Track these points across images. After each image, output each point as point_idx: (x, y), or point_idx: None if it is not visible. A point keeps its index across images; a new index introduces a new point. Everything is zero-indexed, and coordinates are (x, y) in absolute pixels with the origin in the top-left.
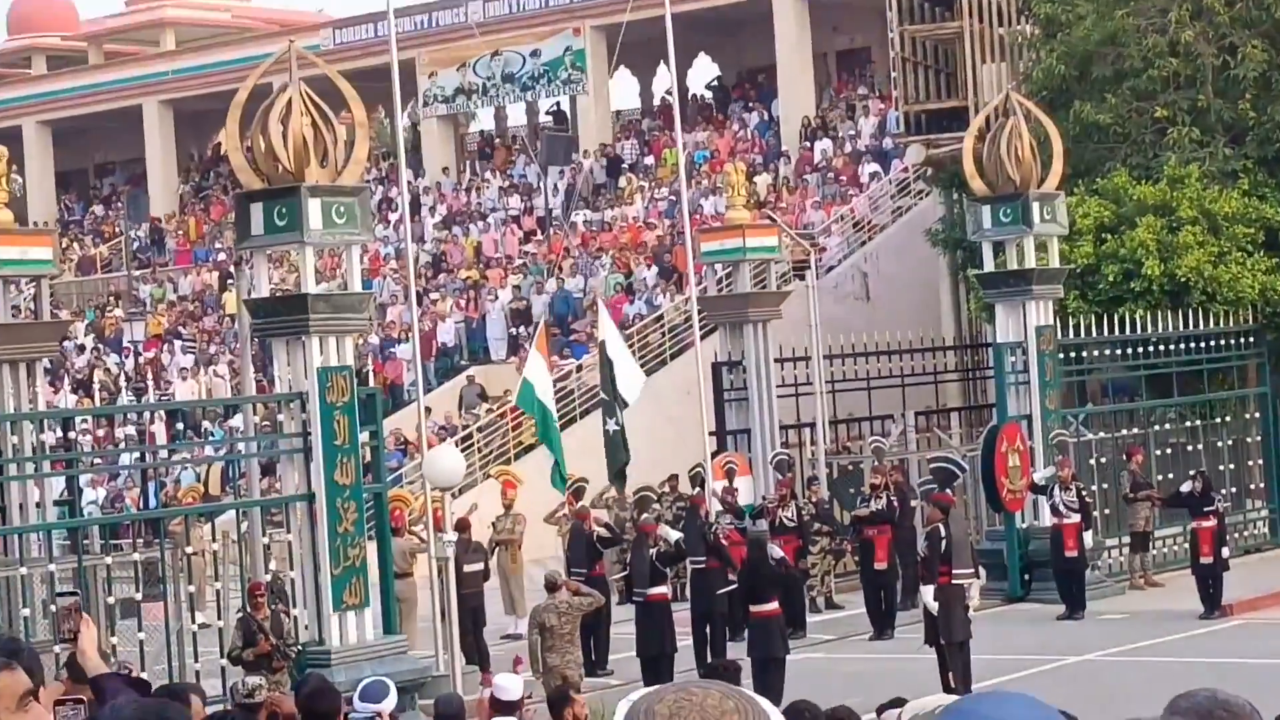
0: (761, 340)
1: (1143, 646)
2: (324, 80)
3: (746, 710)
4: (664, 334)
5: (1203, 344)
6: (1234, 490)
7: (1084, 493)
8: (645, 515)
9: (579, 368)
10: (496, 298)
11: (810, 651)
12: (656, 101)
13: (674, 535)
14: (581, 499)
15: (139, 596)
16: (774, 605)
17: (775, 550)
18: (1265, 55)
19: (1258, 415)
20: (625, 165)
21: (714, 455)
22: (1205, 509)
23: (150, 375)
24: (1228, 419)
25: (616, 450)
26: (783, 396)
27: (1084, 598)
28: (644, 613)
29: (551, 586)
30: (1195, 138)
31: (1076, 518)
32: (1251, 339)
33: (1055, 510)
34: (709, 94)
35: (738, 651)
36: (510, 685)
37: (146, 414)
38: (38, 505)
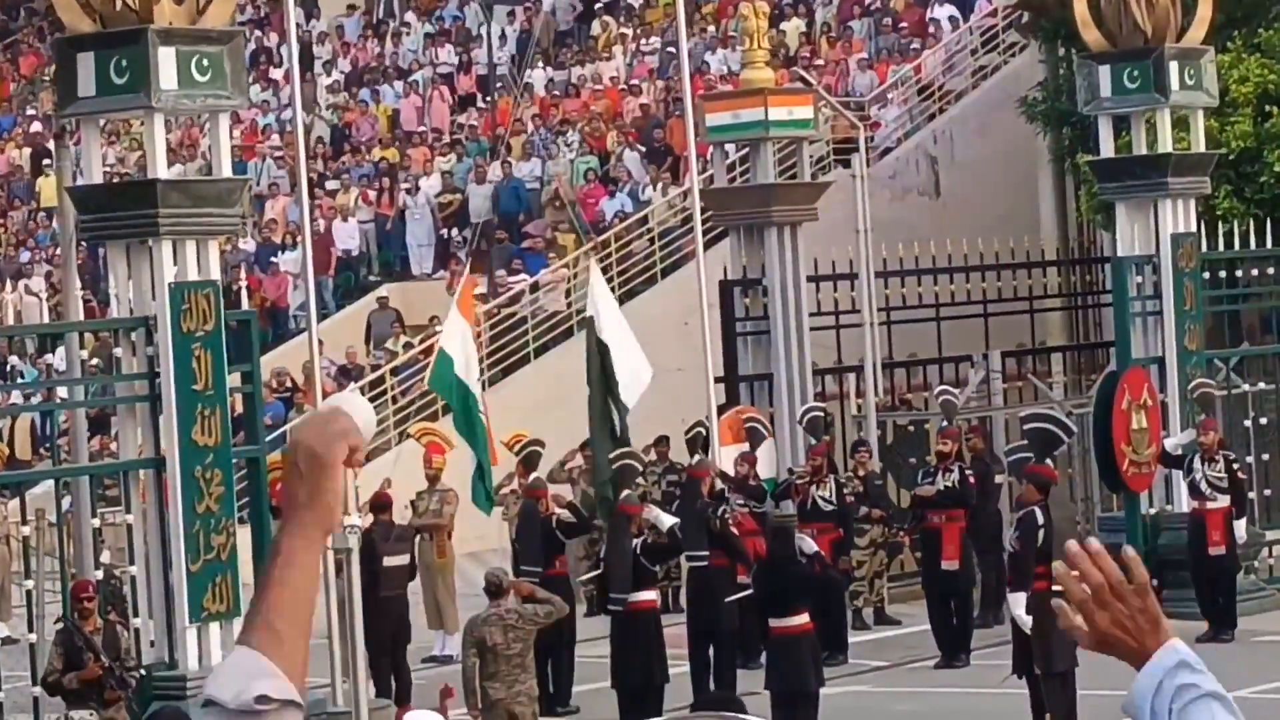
0: (789, 251)
1: None
2: None
3: None
4: (654, 241)
5: None
6: None
7: (1235, 467)
8: (626, 493)
9: (533, 286)
10: (418, 189)
11: (853, 684)
12: None
13: (666, 521)
14: (535, 469)
15: None
16: (804, 619)
17: (807, 543)
18: None
19: None
20: (600, 4)
21: (722, 410)
22: None
23: None
24: None
25: (604, 482)
26: (818, 329)
27: (1234, 611)
28: (624, 627)
29: (495, 590)
30: None
31: (1225, 501)
32: None
33: (1196, 490)
34: None
35: (753, 682)
36: None
37: None
38: None
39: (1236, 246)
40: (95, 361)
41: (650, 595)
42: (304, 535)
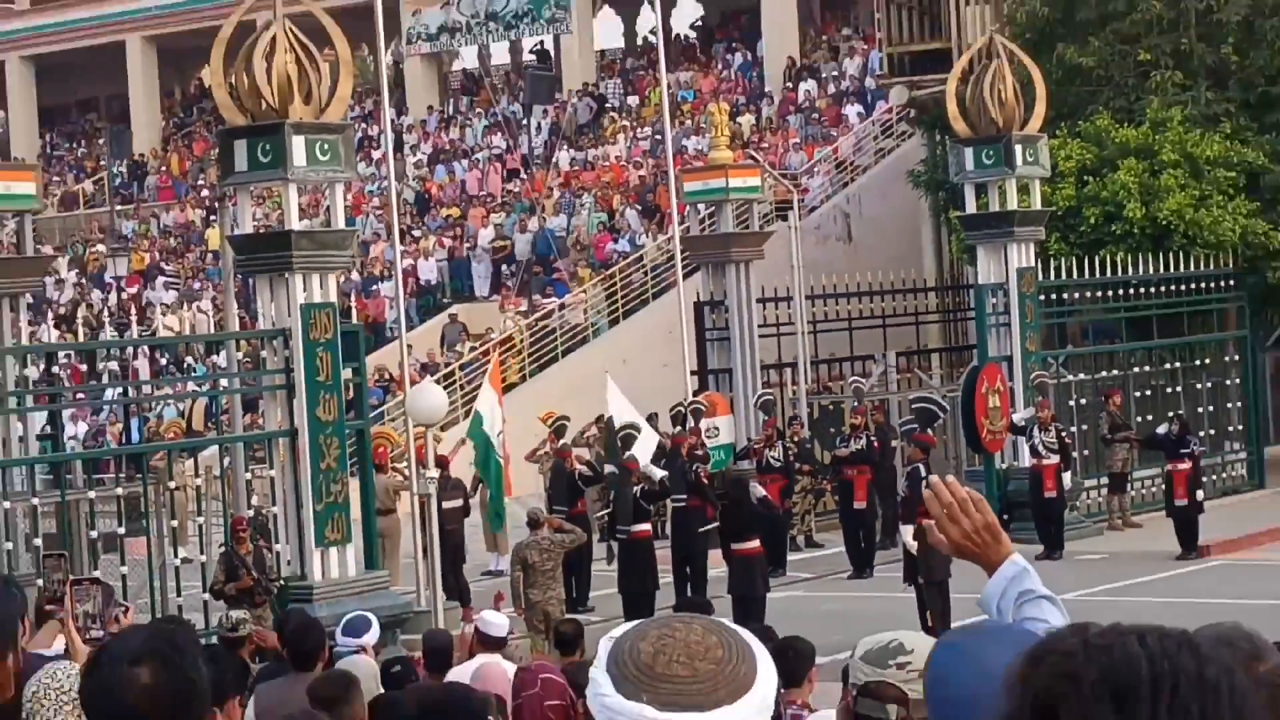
0: (744, 280)
1: (1120, 587)
2: (308, 17)
3: (730, 644)
4: (646, 273)
5: (1183, 287)
6: (1212, 433)
7: (1063, 434)
8: (628, 454)
9: (561, 306)
10: (475, 243)
11: (790, 590)
12: (640, 41)
13: (657, 474)
14: (563, 437)
15: (121, 531)
16: (755, 544)
17: (757, 489)
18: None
19: (1237, 358)
20: (609, 105)
21: (695, 394)
22: (1181, 451)
23: (133, 311)
24: (1207, 362)
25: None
26: (764, 336)
27: (1062, 538)
28: (627, 550)
29: (534, 524)
30: (1178, 81)
31: (1055, 459)
32: (1232, 282)
33: (1034, 451)
34: (693, 34)
35: (718, 588)
36: (497, 621)
37: (129, 349)
38: (20, 440)
39: (1064, 277)
40: (248, 360)
41: (645, 527)
42: None
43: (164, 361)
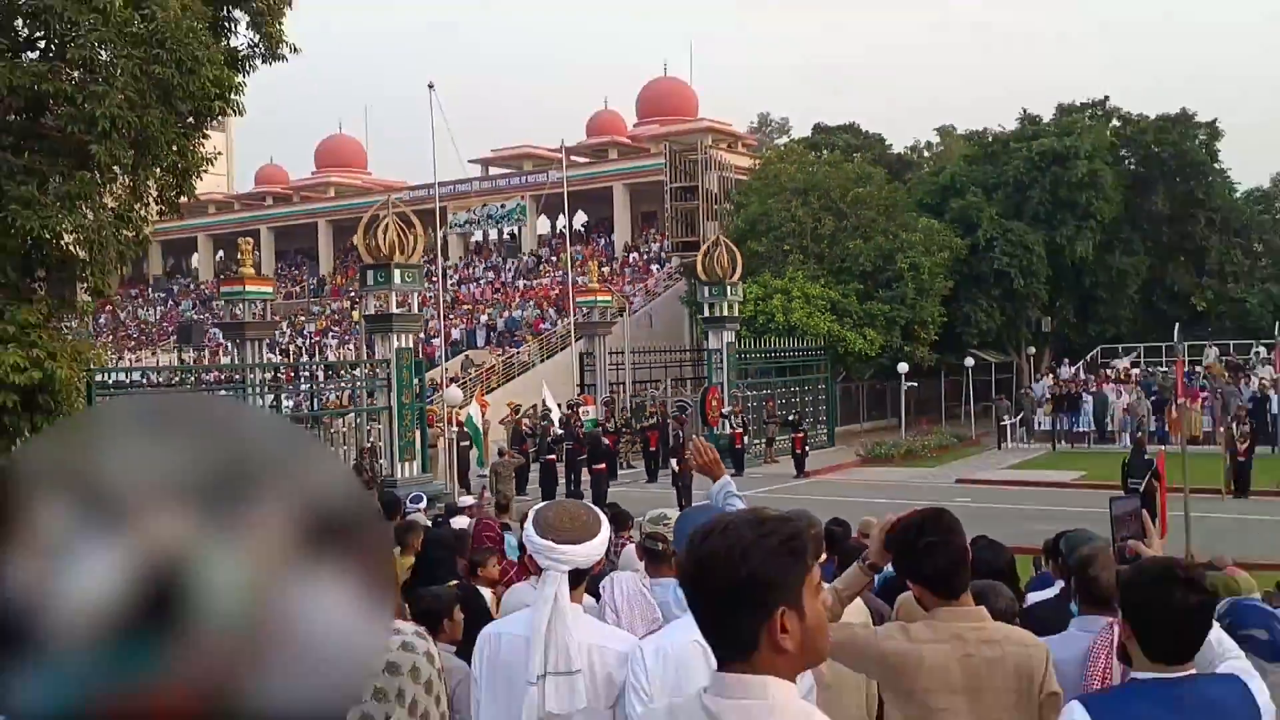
0: (603, 344)
1: (769, 489)
2: (403, 213)
3: (590, 512)
4: (558, 339)
5: (800, 354)
6: (811, 419)
7: (745, 419)
8: (545, 421)
9: (518, 352)
10: (479, 322)
11: (619, 487)
12: (558, 230)
13: (560, 432)
14: (518, 414)
15: None
16: (603, 466)
17: (603, 440)
18: (834, 223)
19: (823, 387)
20: (542, 260)
21: (578, 395)
22: (799, 427)
23: (317, 349)
24: (809, 387)
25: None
26: (611, 369)
27: (743, 466)
28: (543, 469)
29: (500, 454)
30: (802, 260)
31: (741, 430)
32: (822, 352)
33: (731, 426)
34: (582, 228)
35: (586, 488)
36: (466, 499)
37: (314, 367)
38: None
39: (748, 347)
40: (370, 373)
41: (553, 457)
42: None
43: (329, 373)
